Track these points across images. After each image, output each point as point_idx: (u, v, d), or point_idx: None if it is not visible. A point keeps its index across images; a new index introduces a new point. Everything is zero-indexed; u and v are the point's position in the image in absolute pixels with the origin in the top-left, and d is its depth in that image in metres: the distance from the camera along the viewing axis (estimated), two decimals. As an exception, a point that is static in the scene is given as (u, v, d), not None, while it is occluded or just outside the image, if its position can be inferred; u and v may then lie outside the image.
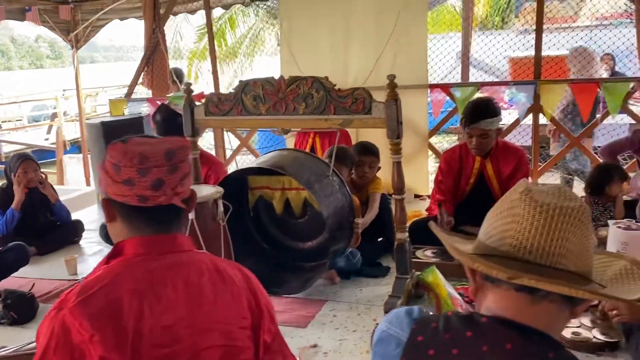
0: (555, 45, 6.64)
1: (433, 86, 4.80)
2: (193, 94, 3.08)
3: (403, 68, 4.74)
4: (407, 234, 2.73)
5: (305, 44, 5.00)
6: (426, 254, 3.31)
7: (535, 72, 4.42)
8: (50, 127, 11.86)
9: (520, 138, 5.11)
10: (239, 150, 5.50)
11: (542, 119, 4.60)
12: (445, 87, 4.76)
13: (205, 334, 1.28)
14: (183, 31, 12.18)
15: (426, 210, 3.86)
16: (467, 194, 3.71)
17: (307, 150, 4.46)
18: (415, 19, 4.66)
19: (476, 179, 3.66)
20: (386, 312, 2.59)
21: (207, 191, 2.37)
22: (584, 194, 3.73)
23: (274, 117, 2.84)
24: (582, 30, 7.07)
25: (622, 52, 6.11)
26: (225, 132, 5.47)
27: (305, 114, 2.78)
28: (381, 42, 4.73)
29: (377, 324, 2.48)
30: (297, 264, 3.12)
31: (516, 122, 4.67)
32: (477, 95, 4.66)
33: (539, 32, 4.39)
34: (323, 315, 2.75)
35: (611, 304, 2.19)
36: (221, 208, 2.36)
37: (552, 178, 4.97)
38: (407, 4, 4.62)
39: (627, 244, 2.95)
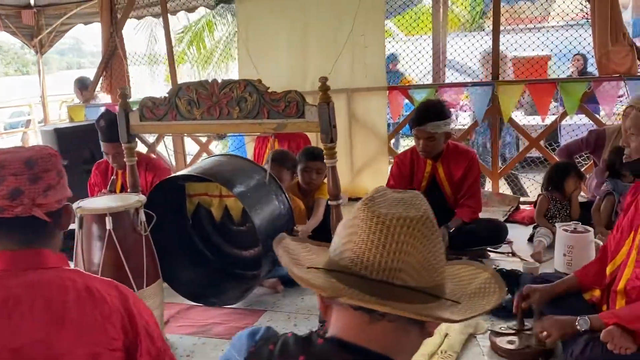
0: (531, 46, 6.64)
1: (391, 88, 4.74)
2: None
3: (361, 71, 4.69)
4: (343, 240, 2.65)
5: (263, 47, 4.93)
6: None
7: (493, 73, 4.37)
8: (24, 134, 11.70)
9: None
10: (199, 155, 5.40)
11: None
12: (404, 90, 4.70)
13: (64, 357, 1.19)
14: (158, 35, 12.02)
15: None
16: (420, 198, 3.64)
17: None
18: (372, 22, 4.60)
19: (428, 182, 3.59)
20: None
21: (126, 200, 2.28)
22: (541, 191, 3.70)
23: (209, 121, 2.76)
24: (556, 30, 7.07)
25: (587, 52, 6.08)
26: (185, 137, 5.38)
27: (239, 118, 2.70)
28: (339, 45, 4.67)
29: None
30: (238, 273, 3.03)
31: (475, 124, 4.61)
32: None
33: (496, 32, 4.34)
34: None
35: (539, 326, 2.12)
36: (143, 218, 2.26)
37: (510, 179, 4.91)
38: (364, 8, 4.56)
39: (573, 247, 2.90)
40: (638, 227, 2.08)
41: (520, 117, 5.98)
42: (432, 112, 3.30)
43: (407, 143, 7.54)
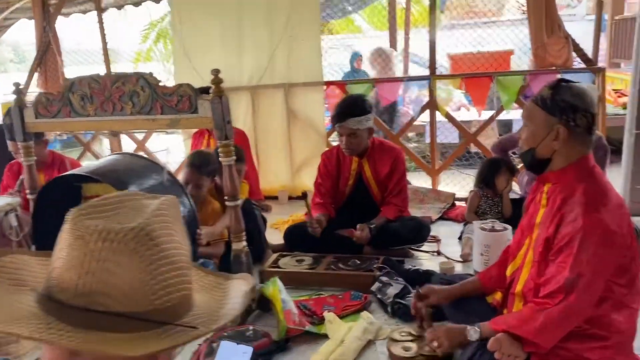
0: (486, 39, 6.55)
1: (329, 83, 4.61)
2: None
3: (298, 66, 4.56)
4: (244, 243, 2.51)
5: (198, 41, 4.75)
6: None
7: (430, 68, 4.25)
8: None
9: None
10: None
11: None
12: (341, 84, 4.57)
13: None
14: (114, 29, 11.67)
15: (305, 214, 3.64)
16: (347, 196, 3.52)
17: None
18: (307, 17, 4.46)
19: (355, 180, 3.46)
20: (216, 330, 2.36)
21: (-8, 203, 2.11)
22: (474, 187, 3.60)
23: (102, 118, 2.60)
24: (512, 23, 7.00)
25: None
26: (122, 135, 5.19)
27: (133, 114, 2.55)
28: (275, 39, 4.53)
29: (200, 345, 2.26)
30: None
31: (411, 121, 4.50)
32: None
33: (432, 27, 4.23)
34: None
35: (430, 335, 2.00)
36: (14, 222, 2.10)
37: (453, 176, 4.81)
38: (300, 2, 4.42)
39: (489, 246, 2.79)
40: (533, 227, 1.96)
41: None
42: (352, 108, 3.18)
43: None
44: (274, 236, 3.60)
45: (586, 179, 1.82)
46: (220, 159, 2.44)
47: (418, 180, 4.69)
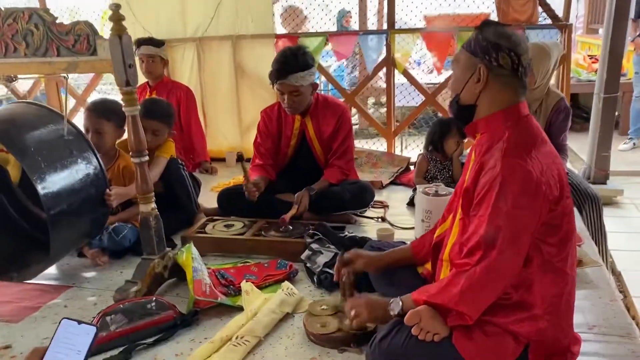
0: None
1: (280, 36, 4.28)
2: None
3: (246, 16, 4.21)
4: (152, 205, 2.23)
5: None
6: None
7: (388, 21, 3.95)
8: None
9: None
10: (76, 109, 4.84)
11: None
12: (293, 37, 4.24)
13: None
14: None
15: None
16: (290, 157, 3.25)
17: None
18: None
19: (297, 140, 3.19)
20: (116, 300, 2.11)
21: None
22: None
23: (-6, 60, 2.27)
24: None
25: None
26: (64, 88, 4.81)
27: (27, 56, 2.23)
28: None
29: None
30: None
31: (367, 79, 4.20)
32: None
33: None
34: (52, 306, 2.23)
35: (349, 304, 1.76)
36: None
37: (419, 140, 4.56)
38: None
39: (431, 212, 2.56)
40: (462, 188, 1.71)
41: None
42: (293, 63, 2.87)
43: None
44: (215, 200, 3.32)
45: (514, 126, 1.60)
46: (124, 108, 2.12)
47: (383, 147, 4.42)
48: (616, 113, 4.70)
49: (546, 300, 1.56)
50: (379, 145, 4.51)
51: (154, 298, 2.06)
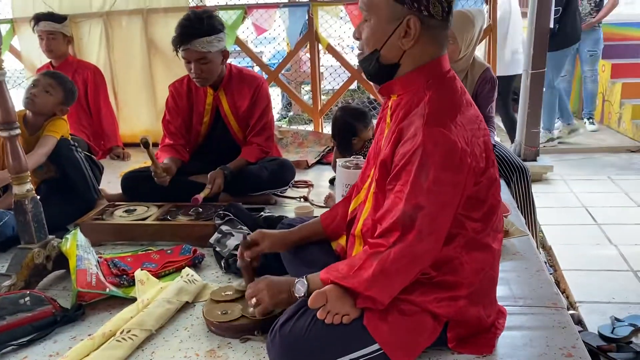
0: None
1: (194, 9, 3.98)
2: None
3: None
4: (28, 186, 1.92)
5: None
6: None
7: (312, -7, 3.73)
8: None
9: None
10: None
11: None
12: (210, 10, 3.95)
13: None
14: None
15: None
16: (204, 135, 2.98)
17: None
18: None
19: (211, 116, 2.93)
20: None
21: None
22: None
23: None
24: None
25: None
26: None
27: None
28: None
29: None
30: None
31: (290, 55, 3.97)
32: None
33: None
34: None
35: (250, 290, 1.54)
36: None
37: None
38: None
39: (350, 186, 2.34)
40: (379, 153, 1.51)
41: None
42: (198, 26, 2.61)
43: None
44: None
45: (435, 86, 1.38)
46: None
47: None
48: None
49: (470, 280, 1.40)
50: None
51: (28, 292, 1.77)
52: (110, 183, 3.13)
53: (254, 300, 1.51)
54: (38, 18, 3.65)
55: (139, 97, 4.07)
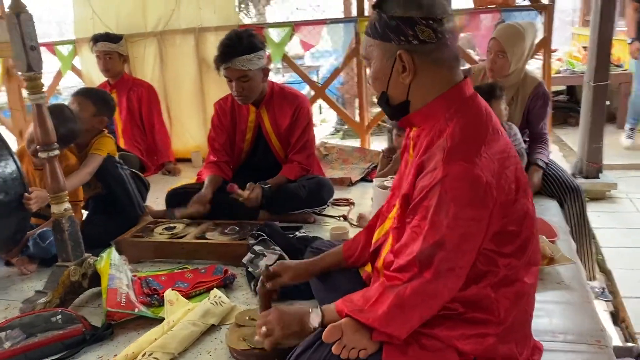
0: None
1: (244, 27, 4.03)
2: None
3: (208, 7, 3.98)
4: (65, 205, 1.98)
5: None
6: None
7: (358, 8, 3.70)
8: None
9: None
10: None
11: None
12: (259, 28, 4.00)
13: None
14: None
15: (198, 175, 3.12)
16: (247, 153, 3.00)
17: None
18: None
19: (253, 134, 2.95)
20: (22, 311, 1.87)
21: None
22: None
23: None
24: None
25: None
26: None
27: None
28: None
29: None
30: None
31: (337, 71, 3.95)
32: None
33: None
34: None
35: (261, 320, 1.49)
36: None
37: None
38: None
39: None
40: (400, 188, 1.45)
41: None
42: (238, 44, 2.64)
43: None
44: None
45: (458, 115, 1.30)
46: (28, 95, 1.89)
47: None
48: (607, 102, 4.42)
49: (500, 317, 1.30)
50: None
51: (60, 310, 1.82)
52: (159, 199, 3.19)
53: (264, 329, 1.47)
54: (96, 39, 3.80)
55: (191, 113, 4.16)
